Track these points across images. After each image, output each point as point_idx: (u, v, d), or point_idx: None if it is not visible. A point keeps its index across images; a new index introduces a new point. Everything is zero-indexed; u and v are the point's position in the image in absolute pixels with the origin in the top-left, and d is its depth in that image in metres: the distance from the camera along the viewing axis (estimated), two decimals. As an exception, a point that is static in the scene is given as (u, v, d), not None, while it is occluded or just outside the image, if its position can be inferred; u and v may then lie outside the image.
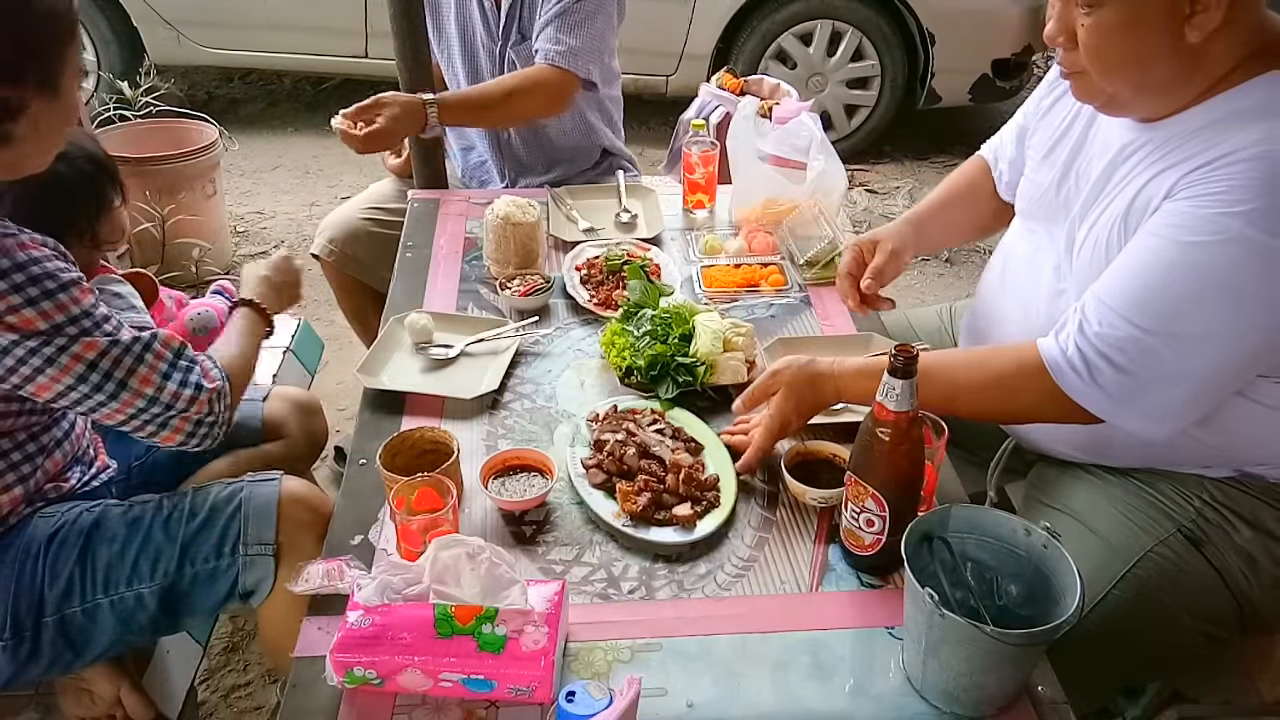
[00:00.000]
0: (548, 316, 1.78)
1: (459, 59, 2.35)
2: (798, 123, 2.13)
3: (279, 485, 1.45)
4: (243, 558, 1.39)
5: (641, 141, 4.67)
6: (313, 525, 1.42)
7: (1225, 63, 1.19)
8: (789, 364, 1.39)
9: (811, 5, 4.33)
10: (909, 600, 1.08)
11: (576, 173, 2.43)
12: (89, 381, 1.26)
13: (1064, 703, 1.08)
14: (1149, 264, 1.17)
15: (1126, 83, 1.22)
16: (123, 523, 1.42)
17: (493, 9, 2.26)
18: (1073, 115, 1.42)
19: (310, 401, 1.92)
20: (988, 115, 5.04)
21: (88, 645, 1.39)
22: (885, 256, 1.58)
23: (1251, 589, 1.31)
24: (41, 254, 1.22)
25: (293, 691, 1.09)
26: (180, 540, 1.40)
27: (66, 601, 1.37)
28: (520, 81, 2.15)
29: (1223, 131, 1.16)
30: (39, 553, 1.38)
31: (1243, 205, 1.10)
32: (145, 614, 1.40)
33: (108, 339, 1.26)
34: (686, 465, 1.36)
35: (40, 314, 1.20)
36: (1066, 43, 1.24)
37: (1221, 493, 1.34)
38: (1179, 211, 1.16)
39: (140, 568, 1.39)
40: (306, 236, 3.87)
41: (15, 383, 1.24)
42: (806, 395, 1.38)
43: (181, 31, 4.50)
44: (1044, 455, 1.52)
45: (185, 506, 1.43)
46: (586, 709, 0.97)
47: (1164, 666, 1.39)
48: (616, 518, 1.31)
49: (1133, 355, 1.18)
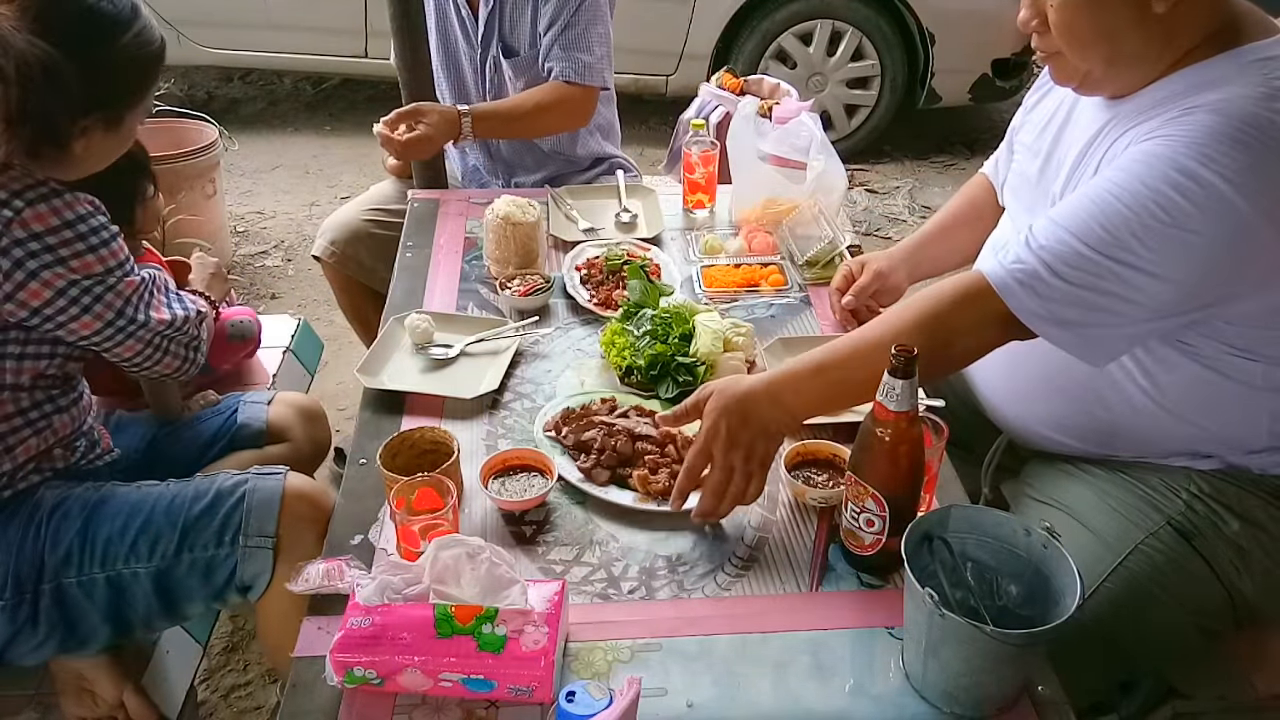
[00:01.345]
0: (548, 316, 1.78)
1: (440, 67, 2.36)
2: (798, 123, 2.13)
3: (283, 479, 1.47)
4: (241, 548, 1.40)
5: (641, 141, 4.67)
6: (314, 522, 1.43)
7: (1191, 35, 1.22)
8: (716, 388, 1.28)
9: (811, 5, 4.33)
10: (909, 600, 1.08)
11: (572, 172, 2.45)
12: (125, 315, 1.40)
13: (1064, 702, 1.08)
14: (1103, 192, 1.19)
15: (1099, 57, 1.25)
16: (126, 502, 1.44)
17: (470, 17, 2.28)
18: (1055, 106, 1.46)
19: (313, 407, 1.93)
20: (988, 115, 5.04)
21: (81, 620, 1.40)
22: (870, 277, 1.68)
23: (1242, 580, 1.32)
24: (91, 209, 1.36)
25: (293, 691, 1.09)
26: (181, 525, 1.41)
27: (65, 570, 1.39)
28: (545, 97, 2.22)
29: (1186, 97, 1.20)
30: (43, 520, 1.41)
31: (1200, 149, 1.13)
32: (140, 596, 1.41)
33: (138, 278, 1.42)
34: (681, 440, 1.39)
35: (98, 259, 1.35)
36: (1040, 26, 1.28)
37: (1210, 485, 1.35)
38: (1140, 151, 1.19)
39: (139, 547, 1.40)
40: (306, 236, 3.87)
41: (62, 320, 1.35)
42: (734, 423, 1.24)
43: (181, 31, 4.50)
44: (1037, 452, 1.53)
45: (189, 491, 1.46)
46: (586, 709, 0.97)
47: (1158, 660, 1.40)
48: (642, 501, 1.33)
49: (1077, 269, 1.18)
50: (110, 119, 1.35)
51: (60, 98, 1.27)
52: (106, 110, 1.34)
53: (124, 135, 1.40)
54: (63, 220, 1.30)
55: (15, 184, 1.28)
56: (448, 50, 2.34)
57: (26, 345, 1.37)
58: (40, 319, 1.34)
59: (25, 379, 1.39)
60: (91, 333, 1.38)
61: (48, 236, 1.29)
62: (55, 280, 1.31)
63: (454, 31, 2.32)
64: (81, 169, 1.37)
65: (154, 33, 1.38)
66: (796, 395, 1.27)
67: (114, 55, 1.32)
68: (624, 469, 1.38)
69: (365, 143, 4.73)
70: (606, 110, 2.46)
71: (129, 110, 1.37)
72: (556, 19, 2.18)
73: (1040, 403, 1.46)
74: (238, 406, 1.82)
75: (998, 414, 1.55)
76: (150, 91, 1.41)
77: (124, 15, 1.34)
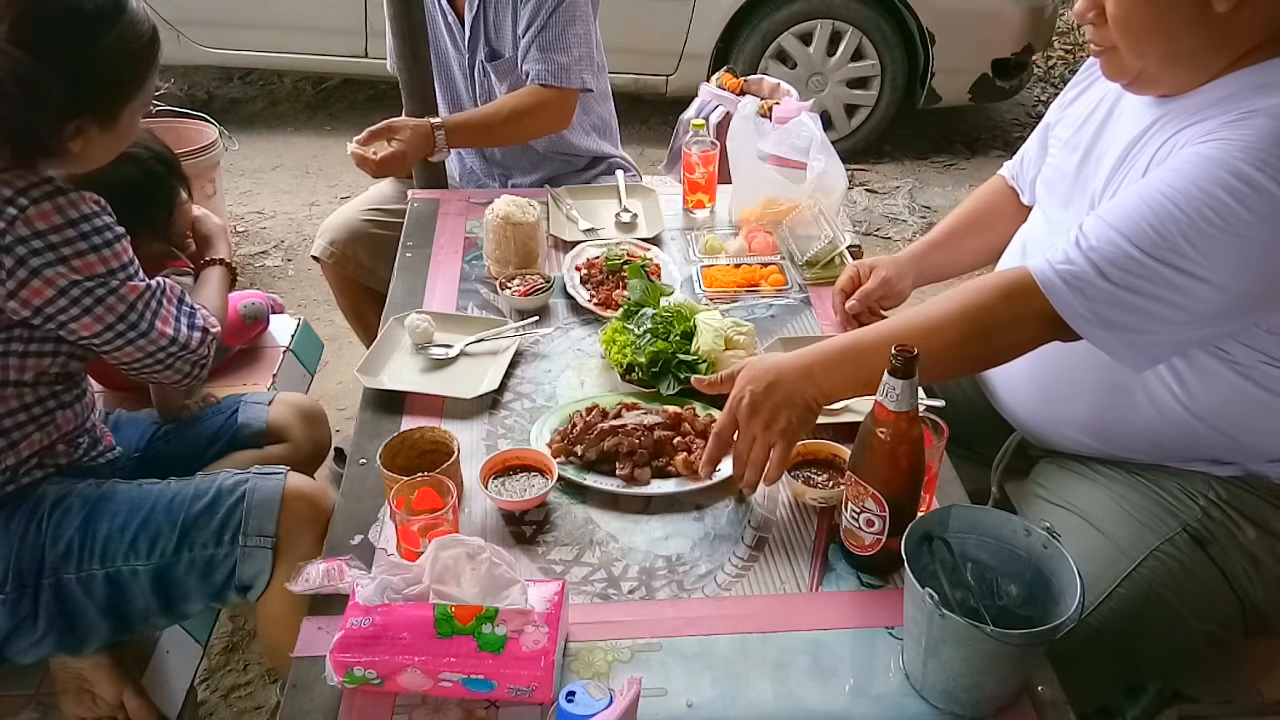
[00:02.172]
0: (548, 316, 1.78)
1: (435, 74, 2.35)
2: (798, 122, 2.13)
3: (284, 479, 1.47)
4: (241, 548, 1.41)
5: (641, 141, 4.67)
6: (314, 522, 1.43)
7: (1251, 37, 1.20)
8: (750, 361, 1.34)
9: (811, 5, 4.33)
10: (909, 600, 1.08)
11: (569, 172, 2.45)
12: (126, 320, 1.38)
13: (1064, 702, 1.07)
14: (1155, 193, 1.17)
15: (1155, 53, 1.23)
16: (127, 499, 1.45)
17: (457, 23, 2.28)
18: (1096, 103, 1.44)
19: (314, 409, 1.94)
20: (988, 115, 5.04)
21: (80, 616, 1.40)
22: (876, 283, 1.67)
23: (1254, 589, 1.31)
24: (97, 209, 1.35)
25: (293, 691, 1.09)
26: (181, 523, 1.42)
27: (64, 565, 1.39)
28: (520, 101, 2.19)
29: (1242, 101, 1.18)
30: (45, 515, 1.41)
31: (1257, 154, 1.11)
32: (139, 593, 1.41)
33: (144, 284, 1.41)
34: (687, 414, 1.45)
35: (101, 259, 1.34)
36: (1096, 18, 1.26)
37: (1228, 492, 1.34)
38: (1195, 153, 1.17)
39: (139, 545, 1.40)
40: (306, 236, 3.87)
41: (62, 320, 1.34)
42: (758, 390, 1.27)
43: (181, 31, 4.50)
44: (1048, 452, 1.52)
45: (190, 490, 1.46)
46: (586, 709, 0.97)
47: (1167, 666, 1.39)
48: (689, 480, 1.36)
49: (1126, 272, 1.16)
50: (104, 117, 1.34)
51: (40, 107, 1.26)
52: (99, 109, 1.33)
53: (122, 131, 1.38)
54: (66, 219, 1.30)
55: (20, 181, 1.28)
56: (439, 57, 2.35)
57: (30, 344, 1.37)
58: (42, 318, 1.34)
59: (29, 375, 1.39)
60: (91, 334, 1.38)
61: (51, 235, 1.29)
62: (57, 279, 1.31)
63: (444, 38, 2.32)
64: (84, 165, 1.37)
65: (142, 25, 1.35)
66: (826, 371, 1.27)
67: (100, 53, 1.30)
68: (657, 461, 1.39)
69: (365, 143, 4.74)
70: (602, 109, 2.45)
71: (124, 106, 1.36)
72: (533, 20, 2.16)
73: (1065, 401, 1.43)
74: (238, 407, 1.82)
75: (1016, 410, 1.53)
76: (145, 84, 1.38)
77: (108, 11, 1.31)
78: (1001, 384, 1.56)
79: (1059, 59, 5.75)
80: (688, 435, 1.42)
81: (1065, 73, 5.59)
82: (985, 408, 1.60)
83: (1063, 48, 5.80)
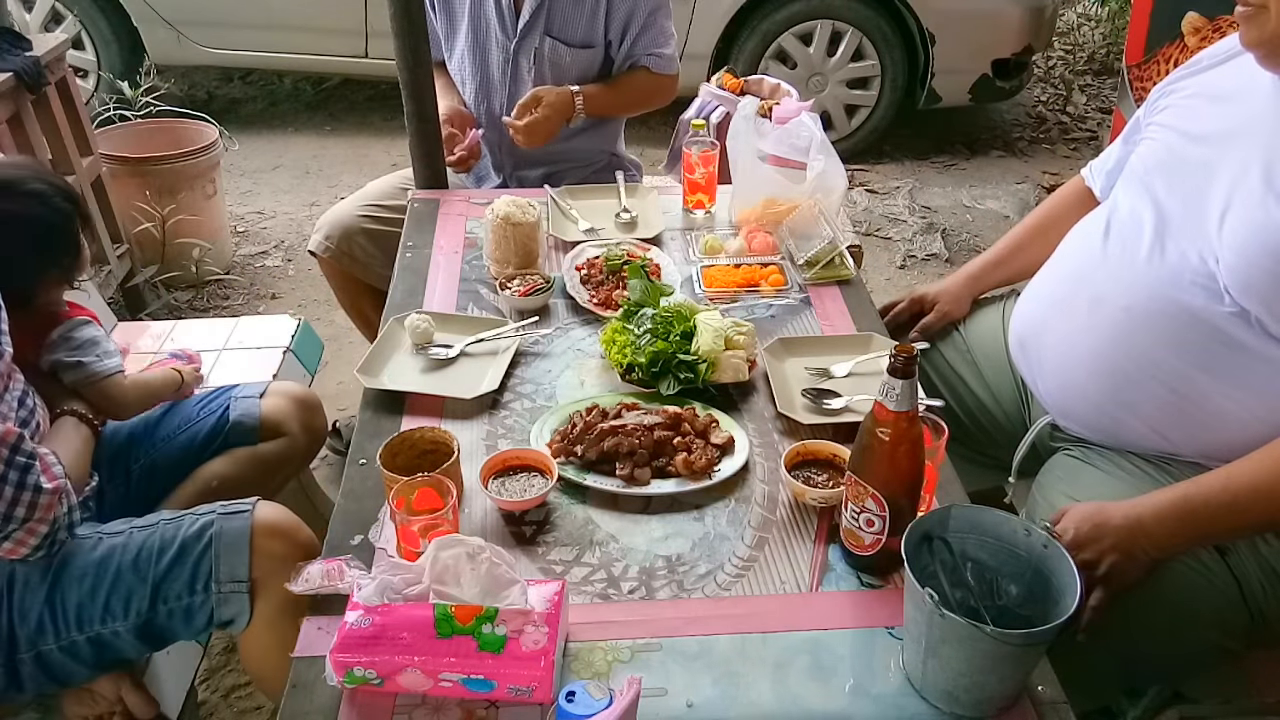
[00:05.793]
0: (548, 316, 1.78)
1: (467, 52, 2.38)
2: (798, 123, 2.13)
3: (250, 518, 1.39)
4: (215, 595, 1.36)
5: (641, 141, 4.67)
6: (288, 558, 1.33)
7: None
8: None
9: (811, 5, 4.33)
10: (909, 600, 1.08)
11: (571, 168, 2.45)
12: None
13: (1064, 702, 1.07)
14: None
15: None
16: (89, 562, 1.37)
17: (510, 7, 2.30)
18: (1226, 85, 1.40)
19: (310, 398, 1.87)
20: (988, 115, 5.04)
21: (71, 676, 1.39)
22: (937, 316, 1.79)
23: (1267, 601, 1.30)
24: None
25: (293, 691, 1.09)
26: (151, 580, 1.35)
27: (40, 638, 1.35)
28: (646, 82, 2.41)
29: None
30: (2, 592, 1.34)
31: None
32: (127, 645, 1.38)
33: None
34: (687, 414, 1.45)
35: None
36: None
37: None
38: None
39: (113, 607, 1.35)
40: (306, 236, 3.82)
41: None
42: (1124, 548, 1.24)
43: (181, 31, 4.50)
44: (1064, 447, 1.49)
45: (155, 542, 1.38)
46: (586, 709, 0.97)
47: (1173, 670, 1.38)
48: (688, 480, 1.36)
49: None
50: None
51: None
52: None
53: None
54: None
55: None
56: (477, 38, 2.37)
57: None
58: None
59: None
60: None
61: None
62: None
63: (489, 19, 2.34)
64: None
65: None
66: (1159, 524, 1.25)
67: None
68: (657, 461, 1.39)
69: (365, 143, 4.74)
70: None
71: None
72: (635, 14, 2.32)
73: (1132, 387, 1.39)
74: (229, 403, 1.74)
75: (1069, 389, 1.47)
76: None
77: None
78: (1058, 359, 1.49)
79: (1059, 59, 5.74)
80: (688, 435, 1.42)
81: (1065, 73, 5.59)
82: (991, 409, 1.60)
83: (1063, 48, 5.79)
